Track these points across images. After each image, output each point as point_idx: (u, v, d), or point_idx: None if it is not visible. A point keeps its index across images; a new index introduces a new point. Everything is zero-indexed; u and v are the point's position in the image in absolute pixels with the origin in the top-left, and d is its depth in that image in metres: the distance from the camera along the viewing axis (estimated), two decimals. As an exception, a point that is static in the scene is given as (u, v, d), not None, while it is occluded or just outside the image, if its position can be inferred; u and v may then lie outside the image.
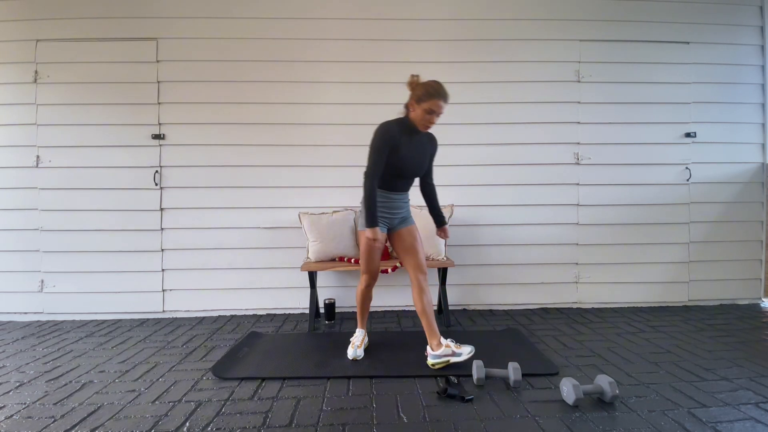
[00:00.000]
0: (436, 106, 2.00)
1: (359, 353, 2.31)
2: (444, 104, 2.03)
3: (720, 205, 3.44)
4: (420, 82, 2.05)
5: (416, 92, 2.03)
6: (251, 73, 3.27)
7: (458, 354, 2.14)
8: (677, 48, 3.39)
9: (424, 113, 2.02)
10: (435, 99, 1.99)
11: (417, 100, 2.02)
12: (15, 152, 3.20)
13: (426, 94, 2.00)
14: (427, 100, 2.00)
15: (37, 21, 3.20)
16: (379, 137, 2.04)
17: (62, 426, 1.68)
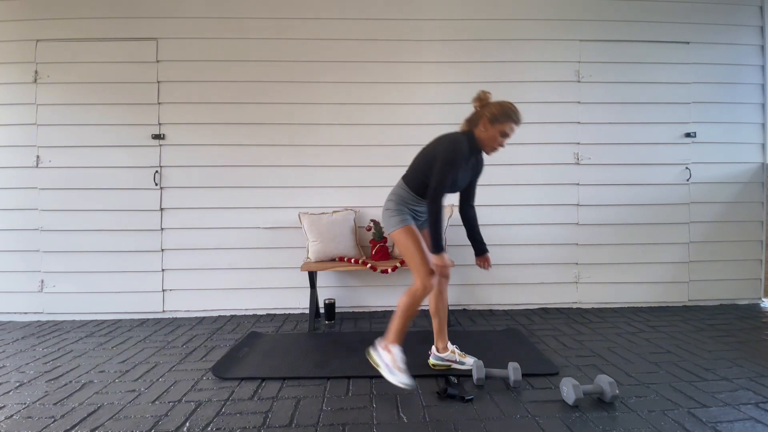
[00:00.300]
0: (511, 129, 1.89)
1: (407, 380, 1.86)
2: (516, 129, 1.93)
3: (720, 205, 3.44)
4: (494, 101, 1.92)
5: (491, 111, 1.88)
6: (251, 73, 3.27)
7: (461, 362, 2.15)
8: (677, 48, 3.39)
9: (497, 135, 1.89)
10: (513, 122, 1.88)
11: (492, 120, 1.87)
12: (15, 152, 3.20)
13: (504, 115, 1.86)
14: (505, 122, 1.87)
15: (37, 21, 3.20)
16: (453, 153, 1.85)
17: (62, 426, 1.69)
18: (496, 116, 1.87)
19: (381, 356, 1.95)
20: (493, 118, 1.87)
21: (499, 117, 1.87)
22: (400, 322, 1.95)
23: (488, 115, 1.88)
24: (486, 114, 1.89)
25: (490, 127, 1.89)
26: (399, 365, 1.89)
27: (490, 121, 1.88)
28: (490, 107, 1.90)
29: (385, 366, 1.91)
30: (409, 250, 1.91)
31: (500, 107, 1.88)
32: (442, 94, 3.34)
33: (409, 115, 3.32)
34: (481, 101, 1.94)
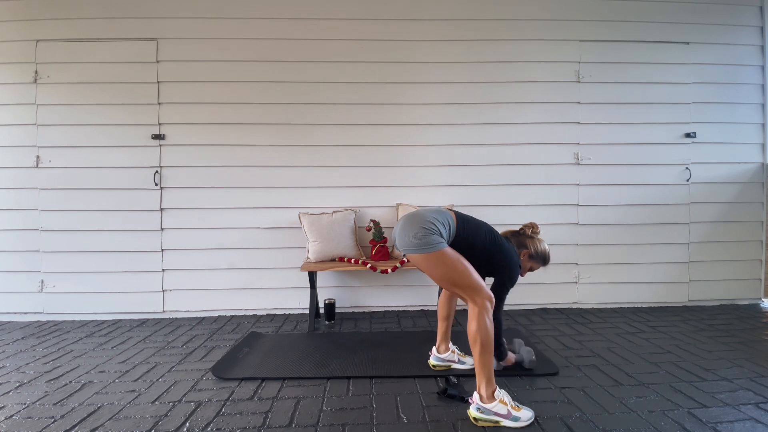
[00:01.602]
0: (537, 269, 2.11)
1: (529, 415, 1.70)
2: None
3: (720, 206, 3.44)
4: (539, 239, 2.09)
5: (536, 248, 2.06)
6: (251, 73, 3.27)
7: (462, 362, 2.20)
8: (677, 48, 3.39)
9: (527, 268, 2.09)
10: (543, 264, 2.10)
11: (532, 256, 2.06)
12: (15, 152, 3.20)
13: (542, 259, 2.08)
14: (540, 264, 2.09)
15: (37, 21, 3.20)
16: (516, 277, 1.99)
17: (62, 426, 1.68)
18: (536, 255, 2.06)
19: (494, 411, 1.66)
20: (534, 254, 2.06)
21: (537, 257, 2.07)
22: (487, 358, 1.70)
23: (532, 251, 2.06)
24: (531, 249, 2.06)
25: (527, 259, 2.07)
26: (514, 404, 1.69)
27: (530, 256, 2.06)
28: (535, 244, 2.07)
29: (505, 417, 1.65)
30: (459, 269, 1.75)
31: (543, 251, 2.07)
32: (443, 94, 3.34)
33: (410, 115, 3.32)
34: (533, 231, 2.10)
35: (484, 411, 1.67)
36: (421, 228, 1.75)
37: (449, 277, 1.75)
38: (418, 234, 1.75)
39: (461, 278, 1.74)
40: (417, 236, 1.74)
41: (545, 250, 2.08)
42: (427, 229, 1.75)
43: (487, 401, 1.67)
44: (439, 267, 1.75)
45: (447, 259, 1.74)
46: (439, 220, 1.80)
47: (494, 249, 1.90)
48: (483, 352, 1.69)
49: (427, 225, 1.76)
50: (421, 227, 1.75)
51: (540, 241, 2.08)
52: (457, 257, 1.76)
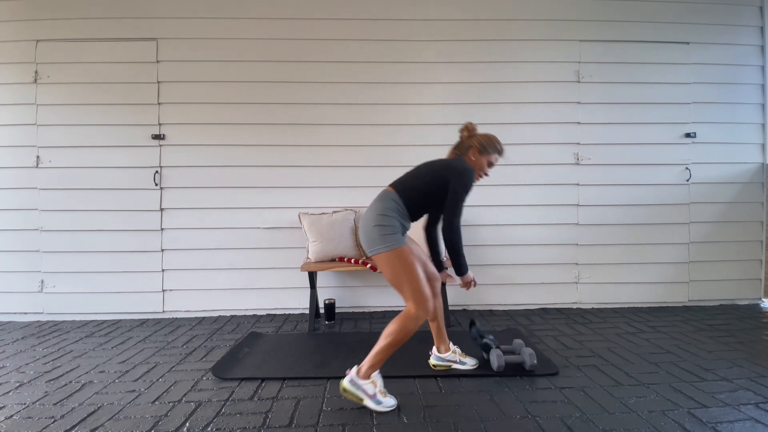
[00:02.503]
0: (496, 160, 2.03)
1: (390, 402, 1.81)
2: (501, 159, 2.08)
3: (720, 206, 3.44)
4: (481, 133, 2.04)
5: (480, 142, 1.99)
6: (251, 73, 3.27)
7: (462, 362, 2.18)
8: (677, 48, 3.39)
9: (485, 165, 2.01)
10: (498, 153, 2.02)
11: (481, 150, 1.99)
12: (15, 152, 3.20)
13: (493, 147, 2.00)
14: (492, 153, 2.01)
15: (37, 21, 3.20)
16: (469, 181, 1.91)
17: (62, 426, 1.68)
18: (485, 147, 1.99)
19: (363, 388, 1.77)
20: (482, 148, 1.99)
21: (488, 148, 1.99)
22: (387, 352, 1.78)
23: (477, 146, 1.99)
24: (475, 144, 1.99)
25: (479, 156, 1.99)
26: (383, 390, 1.80)
27: (479, 151, 1.99)
28: (478, 138, 2.01)
29: (370, 398, 1.76)
30: (405, 274, 1.77)
31: (488, 139, 2.00)
32: (442, 94, 3.34)
33: (410, 115, 3.32)
34: (470, 131, 2.05)
35: (355, 385, 1.77)
36: (374, 226, 1.80)
37: (393, 277, 1.80)
38: (369, 232, 1.81)
39: (406, 283, 1.77)
40: (369, 234, 1.80)
41: (490, 136, 2.02)
42: (379, 225, 1.79)
43: (361, 378, 1.77)
44: (387, 266, 1.79)
45: (395, 261, 1.77)
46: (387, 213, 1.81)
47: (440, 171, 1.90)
48: (387, 347, 1.77)
49: (378, 220, 1.80)
50: (375, 225, 1.80)
51: (482, 134, 2.03)
52: (408, 261, 1.77)
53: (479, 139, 2.00)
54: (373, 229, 1.80)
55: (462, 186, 1.87)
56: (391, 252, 1.77)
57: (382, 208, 1.83)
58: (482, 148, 1.99)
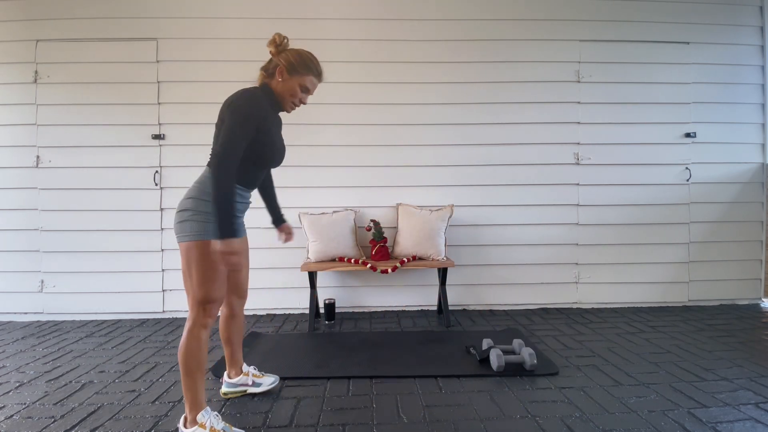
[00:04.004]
0: (312, 84, 1.65)
1: None
2: (318, 84, 1.68)
3: (720, 206, 3.44)
4: (291, 48, 1.64)
5: (288, 59, 1.60)
6: (251, 73, 3.24)
7: (257, 384, 1.91)
8: (677, 48, 3.39)
9: (297, 89, 1.62)
10: (313, 75, 1.64)
11: (290, 70, 1.60)
12: (15, 152, 3.20)
13: (303, 65, 1.61)
14: (305, 74, 1.62)
15: (37, 21, 3.20)
16: (246, 106, 1.50)
17: (62, 426, 1.68)
18: (294, 66, 1.60)
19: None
20: (291, 67, 1.59)
21: (298, 67, 1.60)
22: (190, 380, 1.49)
23: (285, 64, 1.59)
24: (282, 62, 1.59)
25: (288, 77, 1.60)
26: (220, 428, 1.51)
27: (288, 70, 1.60)
28: (287, 54, 1.60)
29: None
30: (196, 270, 1.48)
31: (298, 56, 1.61)
32: (442, 94, 3.34)
33: (409, 115, 3.32)
34: (277, 46, 1.61)
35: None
36: (178, 212, 1.52)
37: (185, 270, 1.52)
38: (179, 217, 1.52)
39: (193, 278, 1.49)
40: (175, 223, 1.53)
41: (302, 52, 1.63)
42: (183, 210, 1.51)
43: (189, 426, 1.49)
44: (184, 258, 1.51)
45: (192, 254, 1.48)
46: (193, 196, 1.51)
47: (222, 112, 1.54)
48: (185, 374, 1.49)
49: (182, 205, 1.52)
50: (179, 211, 1.52)
51: (292, 50, 1.63)
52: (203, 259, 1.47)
53: (287, 56, 1.60)
54: (177, 216, 1.53)
55: (231, 112, 1.49)
56: (190, 242, 1.48)
57: (189, 192, 1.54)
58: (291, 67, 1.59)
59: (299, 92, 1.64)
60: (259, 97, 1.56)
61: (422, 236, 3.06)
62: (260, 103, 1.55)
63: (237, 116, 1.48)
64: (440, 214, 3.13)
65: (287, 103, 1.66)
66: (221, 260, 1.41)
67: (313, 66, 1.64)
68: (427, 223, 3.09)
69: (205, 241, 1.48)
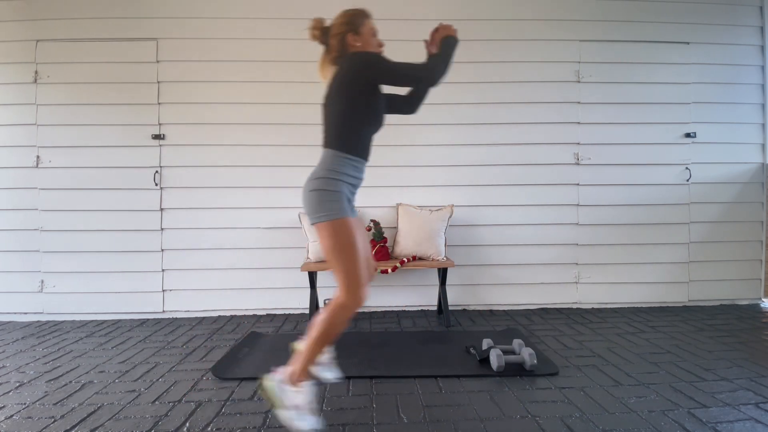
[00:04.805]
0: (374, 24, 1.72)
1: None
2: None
3: (720, 206, 3.44)
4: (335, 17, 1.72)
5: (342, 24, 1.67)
6: (251, 73, 3.27)
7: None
8: (677, 48, 3.39)
9: (371, 38, 1.71)
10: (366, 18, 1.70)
11: (354, 29, 1.66)
12: (15, 152, 3.20)
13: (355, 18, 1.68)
14: (364, 23, 1.68)
15: (37, 21, 3.20)
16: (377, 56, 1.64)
17: (62, 426, 1.68)
18: (351, 25, 1.67)
19: (286, 394, 1.50)
20: (354, 26, 1.66)
21: (354, 24, 1.67)
22: (317, 348, 1.52)
23: (344, 29, 1.66)
24: (341, 30, 1.67)
25: (359, 37, 1.67)
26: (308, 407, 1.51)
27: (355, 30, 1.66)
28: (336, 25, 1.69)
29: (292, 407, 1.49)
30: (342, 250, 1.50)
31: (344, 17, 1.68)
32: (442, 94, 3.31)
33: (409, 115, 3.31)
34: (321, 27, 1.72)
35: (280, 389, 1.51)
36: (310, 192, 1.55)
37: (328, 252, 1.53)
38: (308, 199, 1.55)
39: (340, 260, 1.50)
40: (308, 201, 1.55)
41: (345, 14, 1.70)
42: (316, 190, 1.54)
43: (291, 383, 1.52)
44: (324, 239, 1.53)
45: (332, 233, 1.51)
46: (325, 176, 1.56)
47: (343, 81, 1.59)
48: (317, 342, 1.51)
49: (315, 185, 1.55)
50: (311, 190, 1.55)
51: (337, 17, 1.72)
52: (346, 236, 1.50)
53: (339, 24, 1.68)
54: (309, 195, 1.55)
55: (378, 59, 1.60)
56: (328, 222, 1.51)
57: (317, 172, 1.60)
58: (351, 28, 1.66)
59: (374, 39, 1.73)
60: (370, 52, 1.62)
61: (422, 236, 3.06)
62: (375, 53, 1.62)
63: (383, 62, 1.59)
64: (440, 214, 3.13)
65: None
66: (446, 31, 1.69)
67: (358, 14, 1.69)
68: (427, 223, 3.09)
69: (343, 218, 1.52)
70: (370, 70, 1.56)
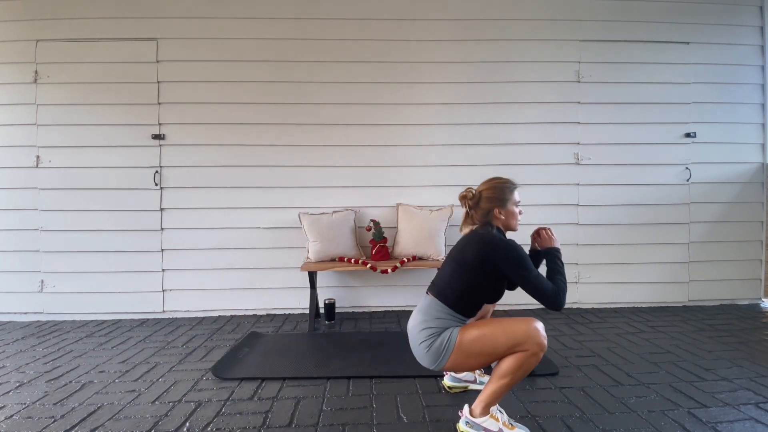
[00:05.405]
0: (518, 197, 1.76)
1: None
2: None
3: (720, 206, 3.44)
4: (481, 189, 1.74)
5: (491, 198, 1.70)
6: (251, 73, 3.27)
7: (482, 382, 1.93)
8: (677, 48, 3.39)
9: (515, 210, 1.74)
10: (514, 189, 1.74)
11: (501, 203, 1.70)
12: (15, 152, 3.20)
13: (504, 191, 1.71)
14: (511, 195, 1.72)
15: (37, 21, 3.20)
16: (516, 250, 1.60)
17: (62, 426, 1.68)
18: (501, 199, 1.71)
19: (483, 426, 1.53)
20: (500, 202, 1.70)
21: (503, 197, 1.71)
22: (505, 390, 1.53)
23: (493, 204, 1.70)
24: (489, 204, 1.71)
25: (504, 210, 1.71)
26: (508, 422, 1.55)
27: (501, 205, 1.70)
28: (485, 197, 1.72)
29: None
30: (488, 334, 1.53)
31: (494, 189, 1.72)
32: (442, 94, 3.34)
33: (409, 115, 3.32)
34: (472, 197, 1.75)
35: (473, 425, 1.54)
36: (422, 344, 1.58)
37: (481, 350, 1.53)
38: (423, 350, 1.57)
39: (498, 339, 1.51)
40: (424, 353, 1.57)
41: (494, 185, 1.72)
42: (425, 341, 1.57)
43: (480, 415, 1.55)
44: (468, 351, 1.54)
45: (468, 339, 1.53)
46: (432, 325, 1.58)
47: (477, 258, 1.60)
48: (510, 383, 1.52)
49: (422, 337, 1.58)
50: (421, 342, 1.58)
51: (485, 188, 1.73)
52: (477, 329, 1.54)
53: (488, 197, 1.71)
54: (420, 347, 1.58)
55: (519, 265, 1.58)
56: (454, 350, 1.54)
57: (424, 322, 1.60)
58: (500, 202, 1.70)
59: (516, 210, 1.75)
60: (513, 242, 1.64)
61: (422, 236, 3.06)
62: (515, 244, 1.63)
63: (521, 263, 1.59)
64: (440, 214, 3.13)
65: (515, 225, 1.78)
66: None
67: (508, 185, 1.74)
68: (426, 223, 3.09)
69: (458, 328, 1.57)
70: (506, 269, 1.59)
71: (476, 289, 1.62)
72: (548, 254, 1.80)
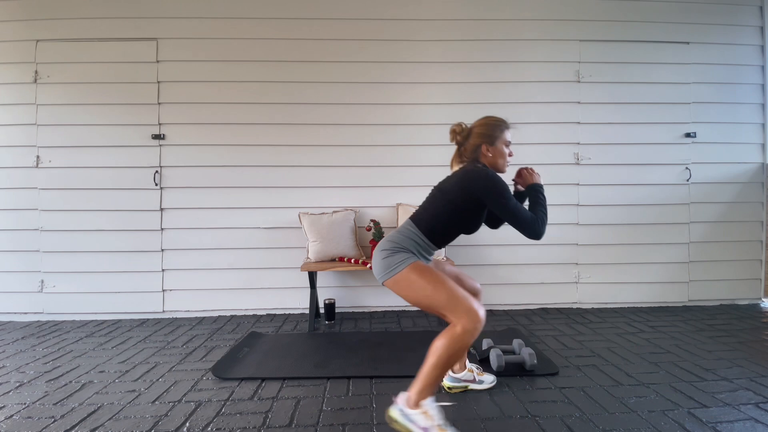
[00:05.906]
0: (509, 137, 1.75)
1: None
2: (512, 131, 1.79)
3: (720, 206, 3.44)
4: (477, 124, 1.76)
5: (481, 134, 1.72)
6: (251, 73, 3.27)
7: (480, 381, 1.97)
8: (677, 48, 3.39)
9: (504, 149, 1.74)
10: (506, 129, 1.74)
11: (490, 140, 1.71)
12: (15, 152, 3.20)
13: (495, 129, 1.73)
14: (501, 134, 1.73)
15: (37, 21, 3.20)
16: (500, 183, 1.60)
17: (62, 426, 1.68)
18: (490, 135, 1.72)
19: (413, 420, 1.48)
20: (489, 139, 1.72)
21: (493, 134, 1.73)
22: (436, 373, 1.48)
23: (482, 140, 1.72)
24: (478, 140, 1.73)
25: (493, 148, 1.72)
26: (441, 425, 1.48)
27: (490, 142, 1.72)
28: (475, 133, 1.74)
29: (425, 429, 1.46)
30: (428, 288, 1.52)
31: (485, 126, 1.74)
32: (442, 94, 3.34)
33: (410, 115, 3.32)
34: (461, 131, 1.77)
35: (404, 415, 1.50)
36: (378, 252, 1.64)
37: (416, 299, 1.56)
38: (377, 262, 1.62)
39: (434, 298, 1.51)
40: (377, 264, 1.62)
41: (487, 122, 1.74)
42: (382, 250, 1.62)
43: (412, 407, 1.50)
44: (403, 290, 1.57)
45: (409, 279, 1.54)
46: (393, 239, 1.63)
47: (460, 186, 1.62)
48: (437, 367, 1.48)
49: (382, 245, 1.64)
50: (379, 250, 1.63)
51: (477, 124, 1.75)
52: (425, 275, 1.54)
53: (478, 133, 1.73)
54: (376, 256, 1.63)
55: (498, 193, 1.58)
56: (399, 273, 1.56)
57: (389, 237, 1.66)
58: (489, 138, 1.72)
59: (506, 150, 1.75)
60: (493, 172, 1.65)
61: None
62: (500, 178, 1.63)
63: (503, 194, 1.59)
64: (440, 214, 3.13)
65: (503, 165, 1.76)
66: None
67: (500, 124, 1.74)
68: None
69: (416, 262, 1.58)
70: (486, 197, 1.60)
71: (451, 216, 1.65)
72: (530, 190, 1.78)
